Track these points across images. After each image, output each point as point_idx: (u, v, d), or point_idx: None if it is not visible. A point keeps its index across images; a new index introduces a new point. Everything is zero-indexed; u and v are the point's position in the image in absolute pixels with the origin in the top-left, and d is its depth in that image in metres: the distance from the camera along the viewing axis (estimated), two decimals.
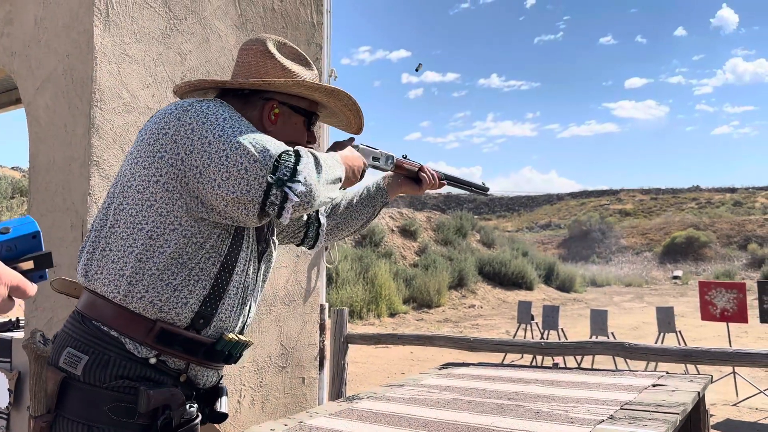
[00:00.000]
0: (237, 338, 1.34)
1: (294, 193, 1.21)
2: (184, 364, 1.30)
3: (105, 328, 1.25)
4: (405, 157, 1.82)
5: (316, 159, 1.30)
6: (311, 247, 1.76)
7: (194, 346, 1.29)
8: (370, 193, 1.82)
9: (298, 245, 1.75)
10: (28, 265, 0.98)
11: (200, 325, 1.30)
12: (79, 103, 2.46)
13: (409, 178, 1.86)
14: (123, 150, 2.49)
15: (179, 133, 1.26)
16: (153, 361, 1.25)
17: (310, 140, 1.54)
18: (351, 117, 1.59)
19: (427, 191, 1.95)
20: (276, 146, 1.25)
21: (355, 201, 1.80)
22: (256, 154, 1.21)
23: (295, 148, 1.28)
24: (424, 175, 1.85)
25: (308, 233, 1.72)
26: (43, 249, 1.05)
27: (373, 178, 1.88)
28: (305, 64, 1.53)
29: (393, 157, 1.78)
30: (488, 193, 2.17)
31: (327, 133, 3.60)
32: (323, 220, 1.74)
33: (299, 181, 1.22)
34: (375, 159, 1.72)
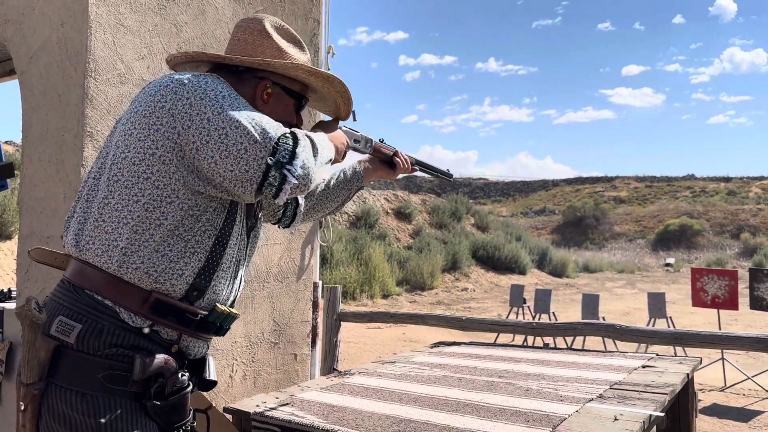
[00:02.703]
0: (228, 311, 1.35)
1: (293, 176, 1.23)
2: (176, 334, 1.30)
3: (99, 297, 1.24)
4: (382, 141, 1.84)
5: (312, 142, 1.31)
6: (287, 227, 1.77)
7: (187, 317, 1.29)
8: (347, 176, 1.82)
9: (273, 224, 1.75)
10: None
11: (194, 297, 1.30)
12: (73, 73, 2.43)
13: (383, 162, 1.87)
14: None
15: (176, 106, 1.25)
16: (146, 331, 1.25)
17: (298, 124, 1.56)
18: (341, 104, 1.60)
19: (399, 176, 1.98)
20: (275, 128, 1.26)
21: (332, 184, 1.81)
22: (256, 135, 1.22)
23: (292, 130, 1.28)
24: (398, 159, 1.87)
25: (286, 213, 1.72)
26: (3, 160, 1.06)
27: (348, 161, 1.90)
28: (300, 47, 1.54)
29: (372, 140, 1.80)
30: (451, 180, 2.23)
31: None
32: (301, 200, 1.74)
33: (297, 164, 1.24)
34: (356, 141, 1.74)
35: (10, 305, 2.87)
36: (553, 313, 9.21)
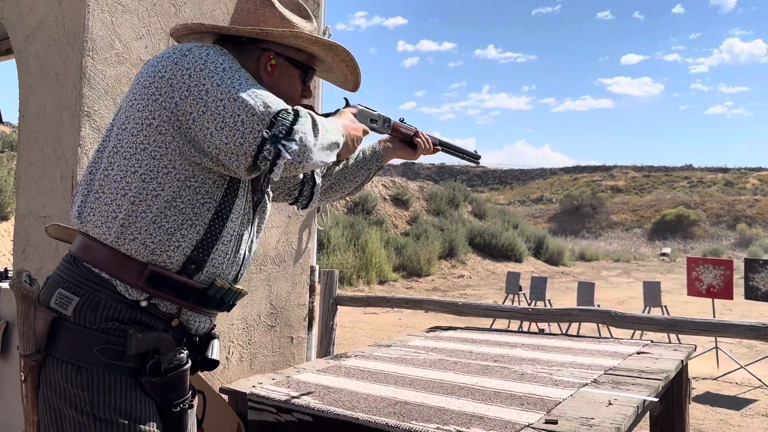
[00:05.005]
0: (228, 285, 1.34)
1: (287, 151, 1.20)
2: (176, 308, 1.29)
3: (96, 270, 1.24)
4: (402, 121, 1.81)
5: (314, 121, 1.28)
6: (305, 207, 1.75)
7: (185, 290, 1.28)
8: (366, 156, 1.80)
9: (291, 203, 1.74)
10: None
11: (192, 270, 1.29)
12: (71, 52, 2.42)
13: (404, 142, 1.84)
14: (114, 101, 2.46)
15: (175, 77, 1.24)
16: (144, 304, 1.25)
17: (305, 94, 1.52)
18: (348, 73, 1.56)
19: (421, 158, 1.93)
20: (275, 102, 1.24)
21: (350, 163, 1.79)
22: (254, 107, 1.20)
23: (295, 107, 1.26)
24: (419, 140, 1.83)
25: (303, 192, 1.72)
26: None
27: (368, 141, 1.87)
28: (305, 16, 1.49)
29: (390, 119, 1.76)
30: (479, 162, 2.16)
31: (321, 88, 3.56)
32: (318, 180, 1.73)
33: (294, 140, 1.21)
34: (373, 121, 1.70)
35: (6, 284, 2.86)
36: (549, 300, 9.24)
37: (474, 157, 2.08)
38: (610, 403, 1.82)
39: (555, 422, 1.63)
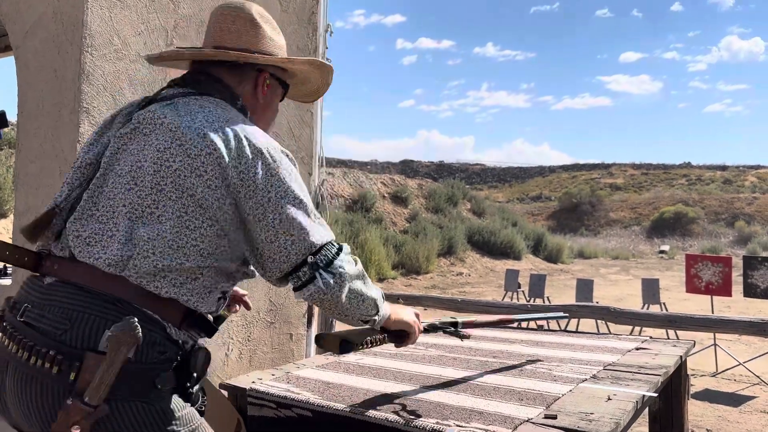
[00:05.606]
0: (225, 313, 1.49)
1: (321, 281, 1.28)
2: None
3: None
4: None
5: (358, 267, 1.37)
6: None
7: (209, 325, 1.35)
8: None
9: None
10: None
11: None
12: (69, 48, 2.41)
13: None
14: (114, 98, 2.46)
15: (243, 173, 1.27)
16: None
17: (275, 112, 1.58)
18: (322, 90, 1.66)
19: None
20: (327, 231, 1.33)
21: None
22: (309, 230, 1.28)
23: (341, 244, 1.35)
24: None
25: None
26: None
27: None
28: (279, 32, 1.56)
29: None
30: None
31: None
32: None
33: (332, 273, 1.29)
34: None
35: (6, 281, 2.86)
36: (548, 297, 9.27)
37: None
38: (609, 399, 1.82)
39: (554, 417, 1.63)
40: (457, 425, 1.58)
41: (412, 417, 1.64)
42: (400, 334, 1.67)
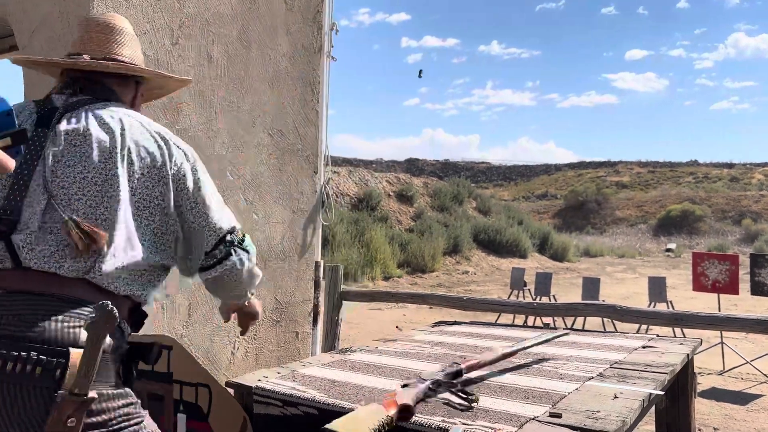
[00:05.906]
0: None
1: (236, 257, 1.49)
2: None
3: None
4: None
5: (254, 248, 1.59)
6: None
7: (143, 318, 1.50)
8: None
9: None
10: (6, 142, 1.02)
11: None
12: None
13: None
14: None
15: (175, 173, 1.46)
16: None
17: None
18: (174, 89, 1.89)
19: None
20: (234, 217, 1.56)
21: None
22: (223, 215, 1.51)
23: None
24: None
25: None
26: (17, 126, 1.07)
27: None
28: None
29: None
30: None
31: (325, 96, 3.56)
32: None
33: (246, 251, 1.52)
34: None
35: None
36: (554, 296, 9.24)
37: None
38: (615, 397, 1.82)
39: (559, 415, 1.62)
40: (463, 423, 1.58)
41: (418, 415, 1.64)
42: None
